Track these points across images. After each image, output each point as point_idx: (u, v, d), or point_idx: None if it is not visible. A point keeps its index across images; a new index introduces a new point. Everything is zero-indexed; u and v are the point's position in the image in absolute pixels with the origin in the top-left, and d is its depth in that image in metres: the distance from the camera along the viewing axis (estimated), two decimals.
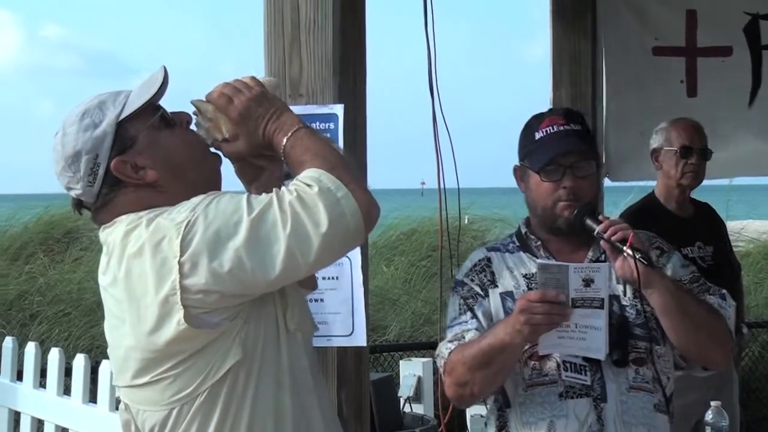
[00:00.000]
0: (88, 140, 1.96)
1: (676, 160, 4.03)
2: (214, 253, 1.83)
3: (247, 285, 1.86)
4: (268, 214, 1.84)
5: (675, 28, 5.08)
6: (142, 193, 1.97)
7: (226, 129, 2.00)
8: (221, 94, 2.00)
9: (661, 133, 4.10)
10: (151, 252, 1.86)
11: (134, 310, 1.91)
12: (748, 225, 11.88)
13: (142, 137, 1.97)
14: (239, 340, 1.90)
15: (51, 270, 8.96)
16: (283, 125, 1.97)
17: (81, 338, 7.65)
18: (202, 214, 1.85)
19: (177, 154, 1.99)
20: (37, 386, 3.98)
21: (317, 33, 2.70)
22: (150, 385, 1.93)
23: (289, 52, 2.72)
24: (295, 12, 2.72)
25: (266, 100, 2.00)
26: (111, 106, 1.98)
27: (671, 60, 5.10)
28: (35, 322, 7.87)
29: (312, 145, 1.94)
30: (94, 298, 8.32)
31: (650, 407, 2.56)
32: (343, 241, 1.89)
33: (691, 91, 5.10)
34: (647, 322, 2.56)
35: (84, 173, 1.96)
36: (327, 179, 1.87)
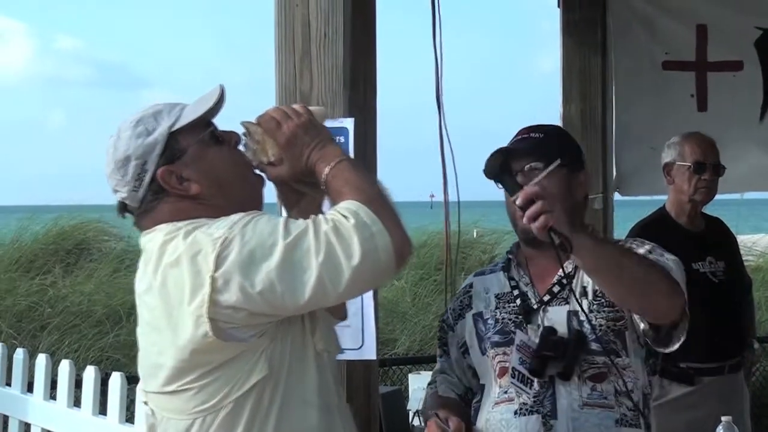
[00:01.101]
0: (139, 146, 2.00)
1: (689, 175, 4.02)
2: (247, 272, 1.85)
3: (275, 307, 1.88)
4: (303, 241, 1.86)
5: (685, 43, 5.08)
6: (183, 205, 2.00)
7: (272, 152, 2.03)
8: (271, 118, 2.03)
9: (674, 148, 4.09)
10: (187, 264, 1.89)
11: (167, 319, 1.94)
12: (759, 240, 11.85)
13: (191, 150, 2.01)
14: (265, 357, 1.93)
15: (61, 281, 8.99)
16: (327, 155, 2.00)
17: (90, 349, 7.66)
18: (239, 233, 1.88)
19: (222, 171, 2.02)
20: (47, 398, 3.98)
21: (328, 47, 2.71)
22: (177, 393, 1.96)
23: (300, 66, 2.73)
24: (306, 26, 2.74)
25: (313, 129, 2.03)
26: (166, 116, 2.02)
27: (681, 74, 5.10)
28: (45, 333, 7.90)
29: (352, 178, 1.97)
30: (103, 310, 8.35)
31: (609, 423, 2.51)
32: (373, 276, 1.91)
33: (702, 105, 5.10)
34: (603, 335, 2.53)
35: (131, 178, 2.00)
36: (364, 213, 1.89)
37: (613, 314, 2.55)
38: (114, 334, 7.89)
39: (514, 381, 2.55)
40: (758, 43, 5.06)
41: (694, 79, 5.10)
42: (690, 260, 3.95)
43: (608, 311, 2.55)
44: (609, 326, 2.54)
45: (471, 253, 10.40)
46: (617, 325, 2.55)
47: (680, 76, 5.10)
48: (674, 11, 5.10)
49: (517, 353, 2.56)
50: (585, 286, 2.58)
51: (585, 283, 2.58)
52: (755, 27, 5.05)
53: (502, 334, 2.60)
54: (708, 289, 3.96)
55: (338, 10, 2.73)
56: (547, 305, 2.59)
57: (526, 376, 2.55)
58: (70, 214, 11.02)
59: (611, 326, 2.54)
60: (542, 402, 2.53)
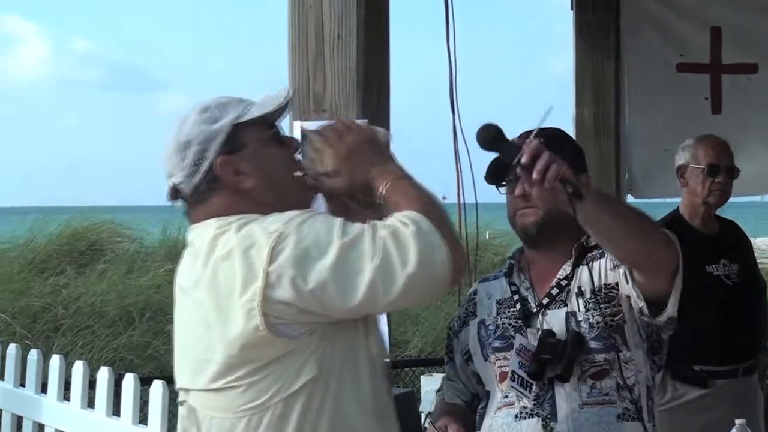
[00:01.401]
0: (202, 132, 1.99)
1: (702, 178, 4.00)
2: (300, 269, 1.84)
3: (326, 307, 1.87)
4: (360, 243, 1.85)
5: (699, 45, 5.07)
6: (235, 198, 1.99)
7: (330, 163, 2.03)
8: (333, 129, 2.03)
9: (688, 150, 4.07)
10: (240, 257, 1.87)
11: (216, 312, 1.92)
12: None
13: (251, 146, 2.01)
14: (315, 357, 1.90)
15: (74, 282, 9.02)
16: (388, 171, 1.99)
17: (104, 350, 7.69)
18: (296, 229, 1.87)
19: (278, 172, 2.02)
20: (61, 399, 3.99)
21: (341, 49, 2.72)
22: (223, 390, 1.93)
23: (313, 68, 2.74)
24: (319, 28, 2.74)
25: (376, 144, 2.03)
26: (233, 108, 2.02)
27: (695, 77, 5.08)
28: (59, 334, 7.93)
29: (411, 192, 1.95)
30: (116, 311, 8.38)
31: (611, 419, 2.51)
32: (427, 288, 1.88)
33: (716, 108, 5.08)
34: (602, 332, 2.52)
35: (189, 162, 1.99)
36: (425, 223, 1.87)
37: (610, 310, 2.54)
38: (127, 335, 7.92)
39: (514, 385, 2.55)
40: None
41: (708, 81, 5.08)
42: (704, 263, 3.94)
43: (605, 307, 2.54)
44: (607, 322, 2.53)
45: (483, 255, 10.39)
46: (615, 320, 2.53)
47: (694, 79, 5.08)
48: (688, 13, 5.09)
49: (516, 357, 2.56)
50: (581, 287, 2.57)
51: (581, 284, 2.57)
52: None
53: (502, 340, 2.61)
54: (722, 291, 3.94)
55: (351, 11, 2.73)
56: (546, 308, 2.59)
57: (525, 379, 2.55)
58: (83, 215, 11.06)
59: (609, 322, 2.53)
60: (542, 405, 2.53)
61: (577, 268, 2.59)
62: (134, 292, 8.70)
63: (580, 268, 2.59)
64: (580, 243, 2.62)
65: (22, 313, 8.19)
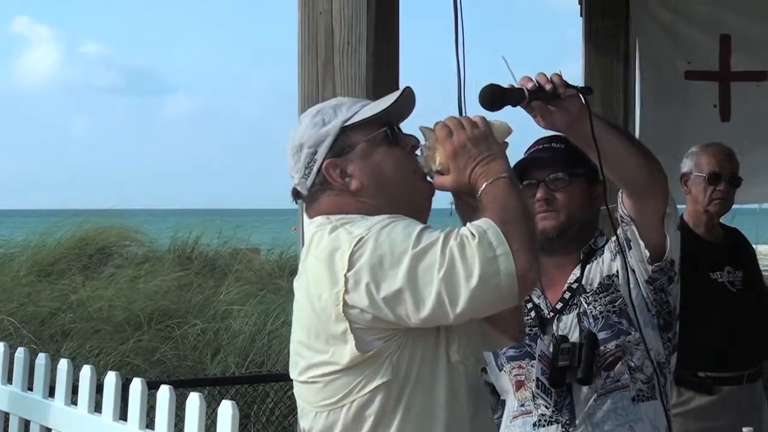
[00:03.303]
0: (313, 135, 2.04)
1: (704, 186, 3.99)
2: (374, 276, 1.86)
3: (397, 316, 1.88)
4: (429, 254, 1.85)
5: (708, 52, 5.06)
6: (342, 199, 2.02)
7: (440, 161, 2.02)
8: (444, 126, 2.02)
9: (692, 158, 4.07)
10: (327, 260, 1.91)
11: (305, 310, 1.98)
12: None
13: (359, 147, 2.02)
14: (390, 362, 1.92)
15: (83, 287, 9.02)
16: (490, 171, 1.96)
17: (111, 354, 7.70)
18: (375, 234, 1.88)
19: (385, 172, 2.02)
20: (68, 403, 4.00)
21: (351, 56, 2.72)
22: (307, 384, 2.00)
23: (323, 75, 2.74)
24: (329, 35, 2.75)
25: (484, 142, 1.99)
26: (345, 110, 2.05)
27: (704, 84, 5.08)
28: (67, 338, 7.93)
29: (501, 196, 1.93)
30: (124, 315, 8.38)
31: (626, 403, 2.53)
32: (493, 299, 1.87)
33: (725, 115, 5.08)
34: (607, 320, 2.55)
35: (302, 165, 2.04)
36: (492, 233, 1.86)
37: (609, 297, 2.57)
38: (135, 339, 7.92)
39: (538, 392, 2.56)
40: None
41: (717, 88, 5.07)
42: (708, 270, 3.95)
43: (603, 296, 2.57)
44: (609, 309, 2.56)
45: None
46: (616, 305, 2.56)
47: (703, 86, 5.08)
48: (697, 21, 5.09)
49: (538, 364, 2.56)
50: (585, 284, 2.60)
51: (586, 282, 2.60)
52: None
53: (517, 348, 2.61)
54: (726, 298, 3.95)
55: (362, 18, 2.73)
56: (560, 314, 2.60)
57: (547, 386, 2.55)
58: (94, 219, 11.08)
59: (611, 309, 2.56)
60: (561, 411, 2.54)
61: (585, 269, 2.62)
62: (143, 296, 8.70)
63: (587, 268, 2.62)
64: (588, 245, 2.64)
65: (30, 317, 8.20)
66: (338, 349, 1.92)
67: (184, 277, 9.33)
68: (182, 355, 7.88)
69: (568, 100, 2.27)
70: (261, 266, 10.04)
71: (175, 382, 5.00)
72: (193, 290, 9.03)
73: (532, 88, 2.23)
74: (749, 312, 4.03)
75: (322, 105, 2.09)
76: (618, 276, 2.57)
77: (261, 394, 6.75)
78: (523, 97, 2.21)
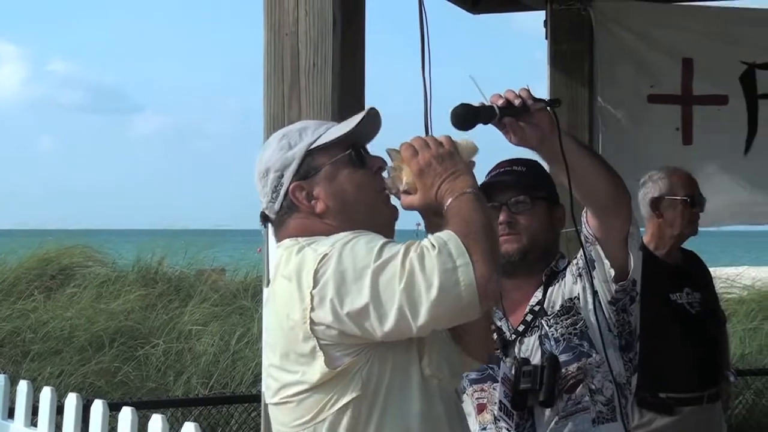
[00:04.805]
0: (279, 160, 2.05)
1: (681, 209, 4.03)
2: (337, 292, 1.87)
3: (363, 330, 1.88)
4: (390, 266, 1.86)
5: (671, 76, 5.12)
6: (309, 222, 2.03)
7: (407, 180, 2.03)
8: (409, 146, 2.03)
9: (661, 182, 4.09)
10: (296, 279, 1.92)
11: (275, 331, 1.99)
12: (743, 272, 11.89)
13: (324, 169, 2.03)
14: (360, 377, 1.92)
15: (43, 307, 8.93)
16: (455, 187, 1.97)
17: (72, 376, 7.62)
18: (338, 250, 1.89)
19: (349, 194, 2.04)
20: (28, 425, 3.95)
21: (317, 77, 2.73)
22: (280, 405, 2.00)
23: (289, 96, 2.75)
24: (295, 57, 2.75)
25: (450, 160, 2.00)
26: (310, 133, 2.06)
27: (667, 107, 5.13)
28: (27, 359, 7.84)
29: (465, 210, 1.93)
30: (86, 335, 8.30)
31: (587, 426, 2.55)
32: (454, 310, 1.87)
33: (687, 139, 5.13)
34: (568, 342, 2.57)
35: (269, 188, 2.06)
36: (453, 244, 1.86)
37: (570, 319, 2.59)
38: (97, 360, 7.84)
39: (500, 414, 2.57)
40: (743, 78, 5.10)
41: (679, 112, 5.13)
42: (668, 291, 3.99)
43: (565, 318, 2.59)
44: (571, 331, 2.58)
45: None
46: (577, 327, 2.58)
47: (666, 109, 5.13)
48: (660, 45, 5.14)
49: (501, 386, 2.57)
50: (546, 307, 2.61)
51: (548, 305, 2.62)
52: (740, 61, 5.09)
53: (479, 371, 2.62)
54: (686, 319, 3.99)
55: (327, 39, 2.74)
56: (522, 336, 2.61)
57: (509, 408, 2.56)
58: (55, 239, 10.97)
59: (573, 331, 2.58)
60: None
61: (546, 291, 2.64)
62: (105, 317, 8.63)
63: (549, 290, 2.64)
64: (550, 267, 2.66)
65: None
66: (308, 368, 1.92)
67: (147, 297, 9.26)
68: (145, 376, 7.82)
69: (538, 116, 2.29)
70: (225, 287, 9.99)
71: (137, 403, 4.96)
72: (157, 311, 8.96)
73: (503, 104, 2.24)
74: (708, 333, 4.08)
75: (288, 129, 2.10)
76: (579, 299, 2.59)
77: (225, 416, 6.71)
78: (494, 114, 2.23)
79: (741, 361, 8.13)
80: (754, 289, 10.32)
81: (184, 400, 6.90)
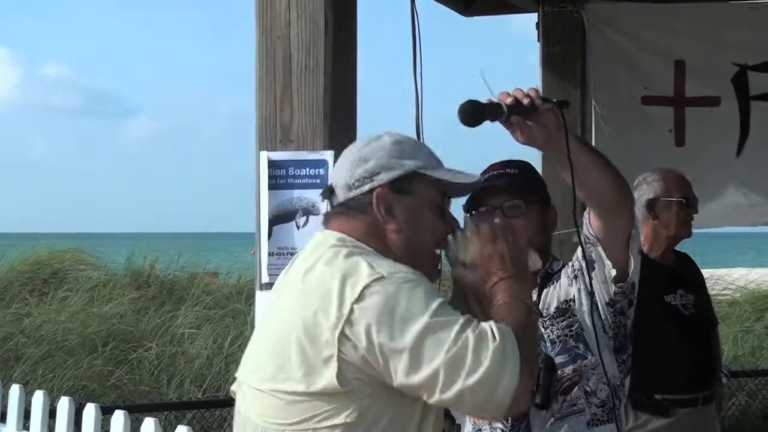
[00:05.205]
0: (385, 158, 2.01)
1: (677, 210, 4.03)
2: (379, 321, 1.84)
3: (386, 368, 1.86)
4: (444, 331, 1.84)
5: (663, 78, 5.13)
6: (371, 231, 1.99)
7: (472, 256, 2.03)
8: (491, 228, 2.04)
9: (656, 184, 4.09)
10: (339, 281, 1.88)
11: (288, 315, 1.92)
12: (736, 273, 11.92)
13: (417, 198, 2.01)
14: (358, 406, 1.88)
15: (36, 311, 8.91)
16: (510, 288, 1.98)
17: (65, 379, 7.60)
18: (397, 283, 1.87)
19: (423, 236, 2.02)
20: (20, 428, 3.95)
21: (309, 80, 2.73)
22: (265, 394, 1.94)
23: (281, 98, 2.75)
24: (287, 60, 2.75)
25: (521, 264, 2.02)
26: (423, 157, 2.03)
27: (659, 109, 5.14)
28: (19, 363, 7.82)
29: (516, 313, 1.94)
30: (78, 339, 8.28)
31: (582, 428, 2.55)
32: (479, 404, 1.86)
33: (679, 140, 5.14)
34: (564, 345, 2.57)
35: (358, 176, 2.00)
36: (511, 343, 1.86)
37: (567, 322, 2.59)
38: (89, 364, 7.83)
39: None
40: (735, 79, 5.11)
41: (672, 114, 5.14)
42: (662, 292, 3.98)
43: (561, 320, 2.59)
44: (566, 333, 2.58)
45: None
46: (573, 329, 2.58)
47: (658, 111, 5.14)
48: (653, 47, 5.15)
49: None
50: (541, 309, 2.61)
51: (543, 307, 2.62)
52: (732, 63, 5.10)
53: None
54: (680, 321, 3.99)
55: (319, 42, 2.74)
56: None
57: None
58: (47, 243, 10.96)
59: (568, 333, 2.58)
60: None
61: (541, 293, 2.64)
62: (97, 320, 8.61)
63: (544, 293, 2.64)
64: (544, 270, 2.66)
65: None
66: (315, 372, 1.87)
67: (140, 300, 9.25)
68: (138, 380, 7.80)
69: (545, 116, 2.30)
70: (219, 290, 9.97)
71: (130, 407, 4.95)
72: (149, 314, 8.95)
73: (511, 102, 2.25)
74: (702, 335, 4.08)
75: (405, 138, 2.06)
76: (575, 300, 2.59)
77: (218, 419, 6.70)
78: (501, 111, 2.23)
79: (734, 362, 8.14)
80: (747, 290, 10.35)
81: (177, 403, 6.88)
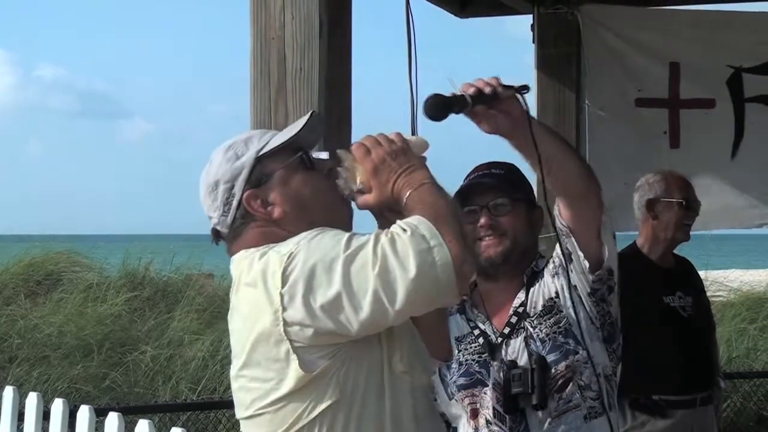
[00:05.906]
0: (228, 171, 2.02)
1: (676, 211, 4.03)
2: (308, 287, 1.85)
3: (338, 323, 1.86)
4: (361, 254, 1.85)
5: (658, 80, 5.13)
6: (268, 229, 2.01)
7: (360, 180, 2.02)
8: (361, 145, 2.02)
9: (657, 185, 4.09)
10: (261, 283, 1.90)
11: (244, 342, 1.95)
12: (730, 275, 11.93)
13: (276, 174, 2.02)
14: (336, 381, 1.90)
15: (31, 312, 8.89)
16: (412, 180, 1.97)
17: (59, 381, 7.59)
18: (304, 247, 1.88)
19: (305, 197, 2.03)
20: (14, 430, 3.94)
21: (304, 81, 2.73)
22: (254, 418, 1.96)
23: (276, 100, 2.75)
24: (282, 61, 2.75)
25: (403, 156, 2.01)
26: (256, 141, 2.04)
27: (654, 111, 5.14)
28: (13, 364, 7.81)
29: (428, 198, 1.94)
30: (73, 341, 8.26)
31: (579, 423, 2.56)
32: (432, 292, 1.86)
33: (674, 142, 5.14)
34: (554, 342, 2.57)
35: (220, 202, 2.03)
36: (424, 227, 1.86)
37: (554, 318, 2.59)
38: (83, 365, 7.82)
39: (494, 419, 2.57)
40: (730, 81, 5.12)
41: (666, 116, 5.14)
42: (661, 293, 3.99)
43: (548, 318, 2.60)
44: (555, 330, 2.58)
45: None
46: (561, 326, 2.59)
47: (653, 113, 5.14)
48: (647, 49, 5.16)
49: (492, 392, 2.57)
50: (528, 308, 2.62)
51: (530, 306, 2.62)
52: (727, 65, 5.11)
53: (467, 376, 2.62)
54: (679, 322, 4.00)
55: (314, 43, 2.74)
56: (508, 338, 2.61)
57: (501, 412, 2.56)
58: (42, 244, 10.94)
59: (557, 330, 2.58)
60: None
61: (528, 292, 2.64)
62: (92, 322, 8.60)
63: (531, 291, 2.64)
64: (530, 268, 2.66)
65: None
66: (283, 374, 1.90)
67: (135, 302, 9.23)
68: (133, 382, 7.79)
69: (508, 104, 2.32)
70: (214, 292, 9.97)
71: (124, 408, 4.94)
72: (144, 316, 8.94)
73: (474, 93, 2.26)
74: (701, 336, 4.09)
75: (232, 140, 2.07)
76: (559, 296, 2.60)
77: (213, 421, 6.69)
78: (465, 103, 2.25)
79: (729, 364, 8.15)
80: (742, 292, 10.36)
81: (171, 405, 6.87)
